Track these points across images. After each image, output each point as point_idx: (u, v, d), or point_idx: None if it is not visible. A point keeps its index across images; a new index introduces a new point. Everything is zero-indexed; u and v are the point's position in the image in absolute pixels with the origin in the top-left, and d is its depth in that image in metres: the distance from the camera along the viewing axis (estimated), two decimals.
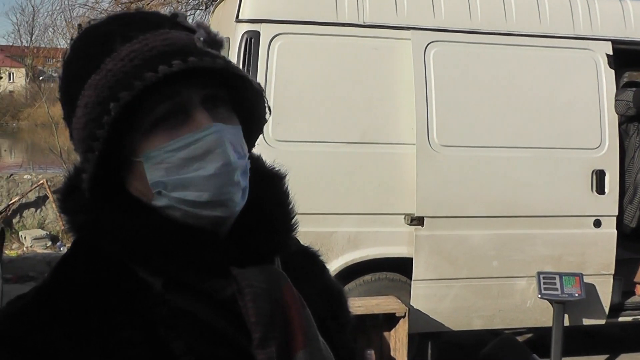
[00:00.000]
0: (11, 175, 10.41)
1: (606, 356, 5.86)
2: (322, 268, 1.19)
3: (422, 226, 4.77)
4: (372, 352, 4.45)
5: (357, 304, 4.46)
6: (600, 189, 5.04)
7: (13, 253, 9.29)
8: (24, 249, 9.64)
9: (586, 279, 4.96)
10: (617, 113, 5.14)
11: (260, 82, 4.39)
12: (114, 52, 0.94)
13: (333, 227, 4.72)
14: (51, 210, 10.02)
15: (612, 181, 5.08)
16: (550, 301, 4.92)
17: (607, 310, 5.20)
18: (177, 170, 0.95)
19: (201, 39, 0.96)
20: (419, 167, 4.74)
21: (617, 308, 5.31)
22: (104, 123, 0.91)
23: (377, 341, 4.63)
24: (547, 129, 4.99)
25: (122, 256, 0.96)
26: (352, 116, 4.73)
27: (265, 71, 4.59)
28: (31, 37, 37.78)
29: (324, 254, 1.22)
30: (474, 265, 4.91)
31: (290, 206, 1.07)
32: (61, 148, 12.95)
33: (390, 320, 4.61)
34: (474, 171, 4.87)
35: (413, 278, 4.81)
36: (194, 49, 0.95)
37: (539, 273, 4.90)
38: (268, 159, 1.12)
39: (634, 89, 5.24)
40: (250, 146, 1.06)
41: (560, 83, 5.05)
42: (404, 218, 4.79)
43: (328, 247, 4.62)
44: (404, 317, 4.57)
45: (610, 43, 5.12)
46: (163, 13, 1.02)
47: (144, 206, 0.97)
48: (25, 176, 10.39)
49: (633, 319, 5.42)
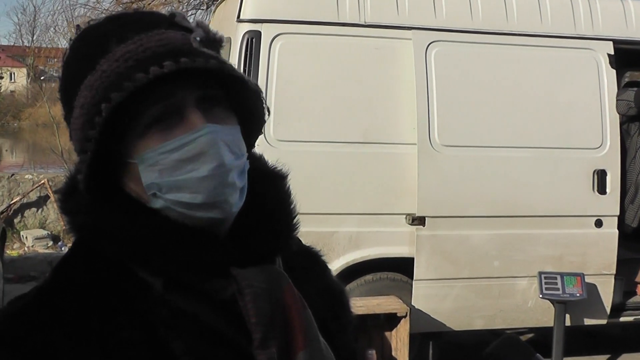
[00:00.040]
0: (12, 175, 10.41)
1: (607, 356, 5.85)
2: (324, 268, 1.18)
3: (424, 226, 4.77)
4: (374, 352, 4.45)
5: (359, 304, 4.45)
6: (601, 189, 5.04)
7: (14, 253, 9.29)
8: (25, 249, 9.64)
9: (587, 279, 4.96)
10: (619, 113, 5.14)
11: (261, 82, 4.35)
12: (109, 53, 0.94)
13: (334, 227, 4.72)
14: (52, 210, 10.02)
15: (614, 181, 5.07)
16: (551, 301, 4.92)
17: (609, 310, 5.19)
18: (171, 172, 0.94)
19: (198, 39, 0.95)
20: (420, 167, 4.73)
21: (619, 308, 5.30)
22: (96, 124, 0.91)
23: (379, 341, 4.63)
24: (549, 129, 4.99)
25: (122, 256, 0.96)
26: (353, 116, 4.73)
27: (266, 71, 4.58)
28: (32, 37, 37.82)
29: (325, 254, 1.21)
30: (475, 265, 4.91)
31: (291, 206, 1.07)
32: (62, 148, 12.95)
33: (391, 320, 4.61)
34: (476, 171, 4.86)
35: (414, 278, 4.81)
36: (189, 50, 0.94)
37: (540, 273, 4.90)
38: (269, 159, 1.12)
39: (635, 89, 5.23)
40: (250, 146, 1.05)
41: (561, 83, 5.05)
42: (405, 218, 4.79)
43: (329, 247, 4.62)
44: (405, 317, 4.57)
45: (611, 43, 5.12)
46: (161, 13, 1.01)
47: (143, 207, 0.97)
48: (26, 176, 10.39)
49: (634, 319, 5.42)
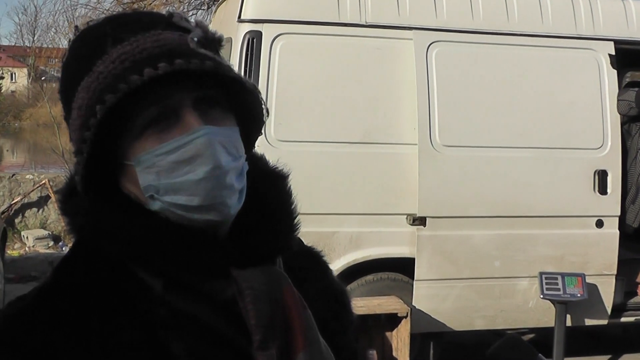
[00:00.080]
0: (13, 175, 10.42)
1: (608, 357, 5.85)
2: (325, 268, 1.18)
3: (424, 226, 4.77)
4: (374, 352, 4.45)
5: (359, 304, 4.45)
6: (602, 189, 5.03)
7: (15, 253, 9.30)
8: (26, 249, 9.64)
9: (588, 279, 4.96)
10: (620, 113, 5.13)
11: (262, 82, 4.34)
12: (106, 54, 0.93)
13: (335, 227, 4.72)
14: (53, 210, 10.02)
15: (615, 181, 5.07)
16: (552, 301, 4.92)
17: (610, 310, 5.19)
18: (168, 174, 0.94)
19: (195, 40, 0.94)
20: (421, 167, 4.73)
21: (620, 308, 5.30)
22: (91, 125, 0.91)
23: (379, 341, 4.63)
24: (550, 129, 4.99)
25: (123, 257, 0.96)
26: (354, 116, 4.73)
27: (267, 71, 4.58)
28: (33, 37, 37.92)
29: (326, 254, 1.21)
30: (476, 265, 4.91)
31: (292, 206, 1.06)
32: (63, 148, 12.95)
33: (392, 320, 4.61)
34: (476, 171, 4.86)
35: (415, 278, 4.81)
36: (185, 51, 0.93)
37: (541, 273, 4.90)
38: (270, 159, 1.11)
39: (637, 89, 5.23)
40: (250, 147, 1.05)
41: (562, 83, 5.05)
42: (406, 218, 4.78)
43: (330, 247, 4.62)
44: (406, 317, 4.57)
45: (612, 43, 5.12)
46: (159, 13, 1.01)
47: (143, 208, 0.97)
48: (27, 176, 10.40)
49: (635, 320, 5.42)
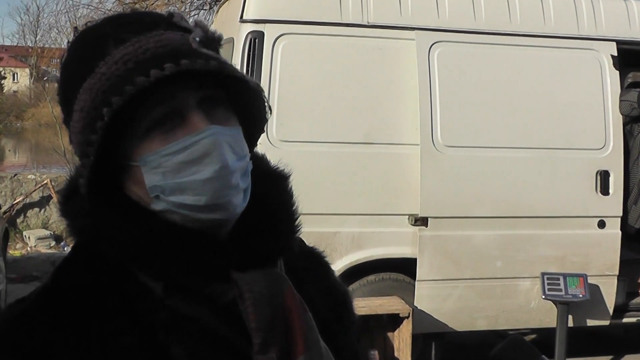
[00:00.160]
0: (15, 175, 10.44)
1: (610, 357, 5.85)
2: (327, 269, 1.17)
3: (426, 227, 4.76)
4: (376, 353, 4.44)
5: (361, 305, 4.45)
6: (604, 190, 5.03)
7: (17, 253, 9.31)
8: (28, 249, 9.66)
9: (590, 280, 4.95)
10: (622, 113, 5.13)
11: (264, 82, 4.34)
12: (108, 56, 0.93)
13: (337, 228, 4.72)
14: (55, 210, 10.02)
15: (617, 182, 5.06)
16: (554, 302, 4.91)
17: (611, 311, 5.18)
18: (174, 174, 0.94)
19: (197, 39, 0.94)
20: (423, 168, 4.73)
21: (621, 309, 5.30)
22: (98, 128, 0.91)
23: (381, 341, 4.63)
24: (552, 130, 4.98)
25: (123, 259, 0.95)
26: (356, 116, 4.73)
27: (269, 71, 4.58)
28: (35, 37, 37.95)
29: (328, 255, 1.21)
30: (478, 265, 4.90)
31: (294, 206, 1.06)
32: (65, 148, 12.92)
33: (394, 320, 4.61)
34: (478, 172, 4.86)
35: (417, 278, 4.81)
36: (188, 51, 0.93)
37: (543, 274, 4.89)
38: (272, 159, 1.11)
39: (639, 90, 5.22)
40: (252, 146, 1.04)
41: (564, 83, 5.04)
42: (408, 218, 4.78)
43: (332, 248, 4.62)
44: (408, 318, 4.57)
45: (614, 43, 5.12)
46: (159, 13, 1.00)
47: (144, 210, 0.96)
48: (29, 176, 10.42)
49: (637, 320, 5.41)
